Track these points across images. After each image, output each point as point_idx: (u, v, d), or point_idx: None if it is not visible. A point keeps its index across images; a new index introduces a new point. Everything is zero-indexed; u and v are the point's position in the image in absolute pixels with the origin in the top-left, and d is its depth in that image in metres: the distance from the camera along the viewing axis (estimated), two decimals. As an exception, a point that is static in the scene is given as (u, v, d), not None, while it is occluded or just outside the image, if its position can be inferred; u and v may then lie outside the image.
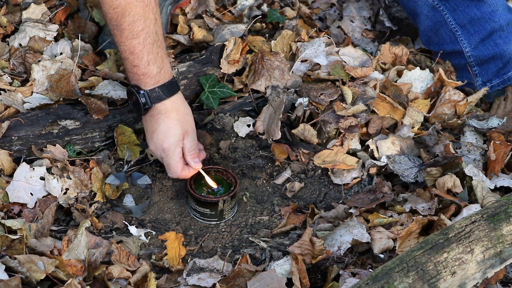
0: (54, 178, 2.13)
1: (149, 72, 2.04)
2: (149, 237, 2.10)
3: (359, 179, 2.27)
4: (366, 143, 2.32)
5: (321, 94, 2.36)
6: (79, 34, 2.57)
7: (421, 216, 2.04)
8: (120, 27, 1.99)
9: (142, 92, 2.05)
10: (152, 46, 2.02)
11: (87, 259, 1.88)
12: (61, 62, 2.43)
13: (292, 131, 2.33)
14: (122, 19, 1.98)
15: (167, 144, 2.08)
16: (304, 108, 2.36)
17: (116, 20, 1.99)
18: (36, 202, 2.11)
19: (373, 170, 2.26)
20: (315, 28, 2.70)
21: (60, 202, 2.13)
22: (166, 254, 2.02)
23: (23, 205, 2.10)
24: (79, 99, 2.32)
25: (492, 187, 2.14)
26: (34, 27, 2.57)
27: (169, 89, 2.08)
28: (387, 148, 2.29)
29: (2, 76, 2.41)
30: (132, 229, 2.11)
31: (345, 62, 2.48)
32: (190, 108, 2.15)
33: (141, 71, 2.04)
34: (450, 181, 2.13)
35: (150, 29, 2.01)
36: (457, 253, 1.65)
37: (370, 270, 1.93)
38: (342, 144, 2.31)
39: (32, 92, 2.37)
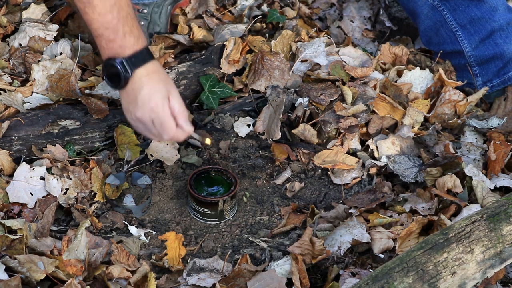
0: (54, 178, 2.13)
1: (126, 44, 2.00)
2: (149, 237, 2.10)
3: (359, 179, 2.27)
4: (366, 143, 2.32)
5: (321, 94, 2.36)
6: (79, 34, 2.57)
7: (421, 216, 2.03)
8: (92, 4, 1.95)
9: (119, 60, 1.99)
10: (126, 19, 1.99)
11: (87, 259, 1.88)
12: (61, 62, 2.43)
13: (292, 131, 2.33)
14: None
15: (154, 101, 2.01)
16: (304, 108, 2.36)
17: None
18: (36, 202, 2.11)
19: (373, 170, 2.26)
20: (315, 28, 2.70)
21: (60, 202, 2.13)
22: (166, 254, 2.02)
23: (23, 205, 2.10)
24: (79, 99, 2.32)
25: (492, 187, 2.14)
26: (34, 27, 2.57)
27: (147, 55, 2.04)
28: (387, 148, 2.29)
29: (2, 76, 2.41)
30: (132, 229, 2.11)
31: (345, 62, 2.48)
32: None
33: (117, 44, 2.00)
34: (450, 181, 2.13)
35: (122, 2, 1.98)
36: (457, 253, 1.65)
37: (370, 270, 1.93)
38: (342, 144, 2.31)
39: (32, 92, 2.37)
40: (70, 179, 2.15)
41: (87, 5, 1.96)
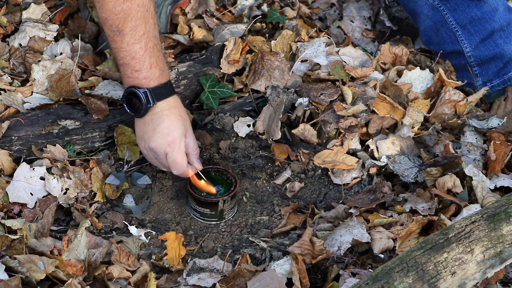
0: (54, 178, 2.13)
1: (151, 75, 2.04)
2: (149, 237, 2.10)
3: (359, 179, 2.26)
4: (366, 143, 2.32)
5: (321, 94, 2.36)
6: (79, 34, 2.57)
7: (421, 216, 2.03)
8: (122, 33, 1.99)
9: (143, 90, 2.04)
10: (153, 50, 2.03)
11: (87, 259, 1.88)
12: (61, 62, 2.43)
13: (292, 131, 2.33)
14: (124, 24, 1.98)
15: (172, 137, 2.06)
16: (304, 108, 2.36)
17: (118, 26, 1.98)
18: (36, 202, 2.11)
19: (373, 170, 2.26)
20: (315, 28, 2.70)
21: (60, 202, 2.13)
22: (166, 254, 2.02)
23: (23, 205, 2.10)
24: (79, 99, 2.32)
25: (492, 187, 2.14)
26: (34, 27, 2.57)
27: (170, 89, 2.09)
28: (387, 148, 2.29)
29: (2, 76, 2.41)
30: (132, 229, 2.11)
31: (345, 62, 2.48)
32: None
33: (142, 75, 2.04)
34: (450, 181, 2.13)
35: (150, 33, 2.02)
36: (457, 253, 1.65)
37: (370, 270, 1.93)
38: (342, 144, 2.31)
39: (32, 92, 2.37)
40: (70, 179, 2.15)
41: (116, 34, 2.00)
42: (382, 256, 1.98)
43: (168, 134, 2.06)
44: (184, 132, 2.08)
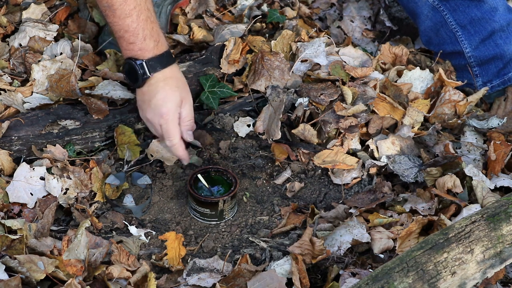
0: (54, 178, 2.13)
1: (146, 47, 2.08)
2: (149, 237, 2.10)
3: (359, 179, 2.26)
4: (366, 143, 2.32)
5: (321, 94, 2.36)
6: (79, 34, 2.57)
7: (421, 216, 2.03)
8: (112, 8, 2.03)
9: (139, 62, 2.08)
10: (146, 22, 2.06)
11: (87, 259, 1.88)
12: (61, 62, 2.43)
13: (292, 131, 2.33)
14: None
15: (166, 108, 2.10)
16: (304, 108, 2.36)
17: (107, 1, 2.02)
18: (36, 202, 2.11)
19: (373, 170, 2.26)
20: (315, 28, 2.70)
21: (60, 202, 2.13)
22: (166, 254, 2.02)
23: (23, 205, 2.10)
24: (79, 99, 2.32)
25: (492, 187, 2.14)
26: (34, 27, 2.57)
27: (167, 59, 2.13)
28: (387, 148, 2.29)
29: (2, 76, 2.41)
30: (132, 229, 2.11)
31: (345, 62, 2.48)
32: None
33: (137, 47, 2.08)
34: (450, 181, 2.13)
35: (142, 6, 2.05)
36: (457, 253, 1.65)
37: (370, 270, 1.93)
38: (342, 144, 2.31)
39: (32, 92, 2.37)
40: (70, 179, 2.15)
41: (107, 8, 2.04)
42: (382, 256, 1.98)
43: (162, 105, 2.10)
44: (178, 103, 2.12)
